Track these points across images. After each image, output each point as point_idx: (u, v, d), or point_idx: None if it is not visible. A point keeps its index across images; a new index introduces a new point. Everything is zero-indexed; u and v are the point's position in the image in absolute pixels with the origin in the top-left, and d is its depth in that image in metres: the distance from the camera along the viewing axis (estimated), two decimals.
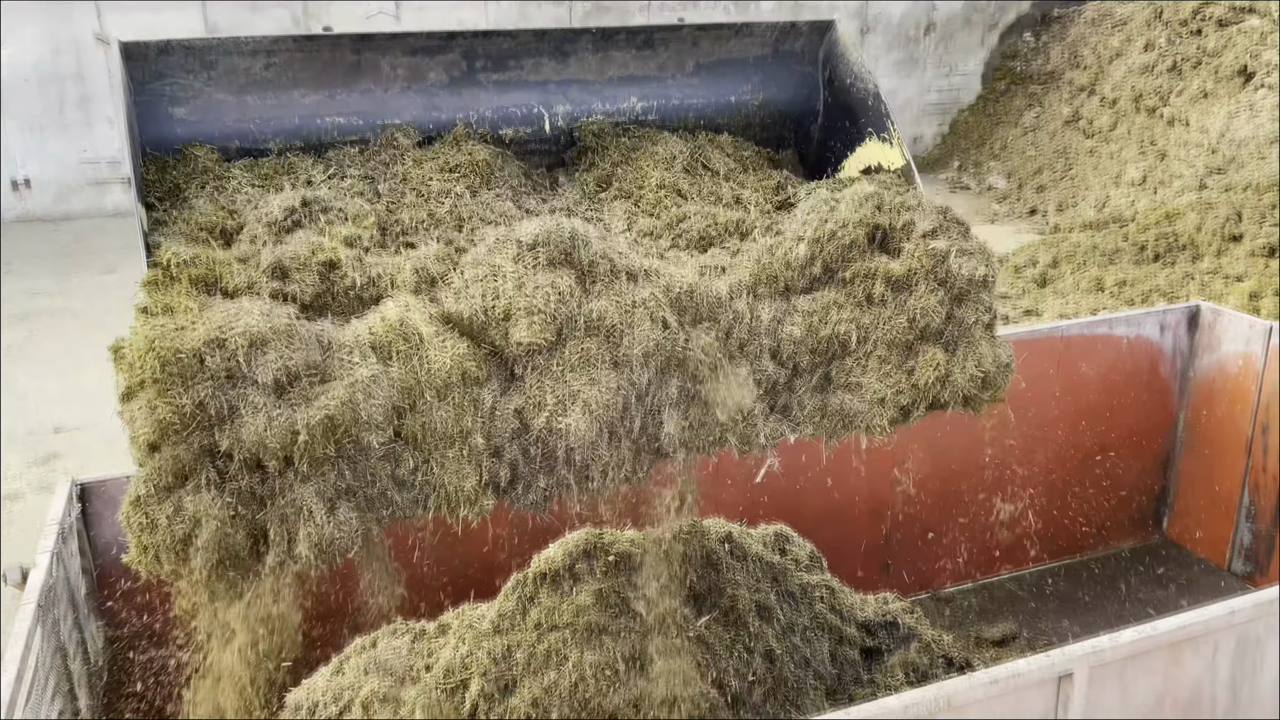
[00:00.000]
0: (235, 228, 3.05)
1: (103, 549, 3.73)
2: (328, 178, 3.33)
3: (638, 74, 3.83)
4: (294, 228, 3.00)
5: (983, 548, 5.45)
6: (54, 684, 3.00)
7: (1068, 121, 16.38)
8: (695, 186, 3.58)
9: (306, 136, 3.49)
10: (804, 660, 3.74)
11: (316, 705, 3.43)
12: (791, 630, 3.80)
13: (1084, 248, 11.72)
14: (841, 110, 3.89)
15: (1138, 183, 14.01)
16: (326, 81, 3.48)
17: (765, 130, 4.02)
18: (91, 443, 7.94)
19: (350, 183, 3.30)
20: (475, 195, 3.37)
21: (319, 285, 2.85)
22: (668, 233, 3.35)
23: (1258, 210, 10.88)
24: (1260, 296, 9.29)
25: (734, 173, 3.74)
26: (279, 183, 3.28)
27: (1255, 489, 5.39)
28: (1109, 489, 5.66)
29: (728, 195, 3.58)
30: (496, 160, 3.51)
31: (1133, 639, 3.03)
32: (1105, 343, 5.41)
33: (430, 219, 3.21)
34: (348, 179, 3.33)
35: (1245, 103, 13.61)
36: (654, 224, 3.38)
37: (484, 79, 3.65)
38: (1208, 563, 5.63)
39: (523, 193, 3.51)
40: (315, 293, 2.83)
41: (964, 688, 2.80)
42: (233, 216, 3.08)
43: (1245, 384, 5.37)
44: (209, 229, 3.03)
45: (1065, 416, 5.42)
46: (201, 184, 3.23)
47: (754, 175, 3.77)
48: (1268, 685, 3.40)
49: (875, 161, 3.76)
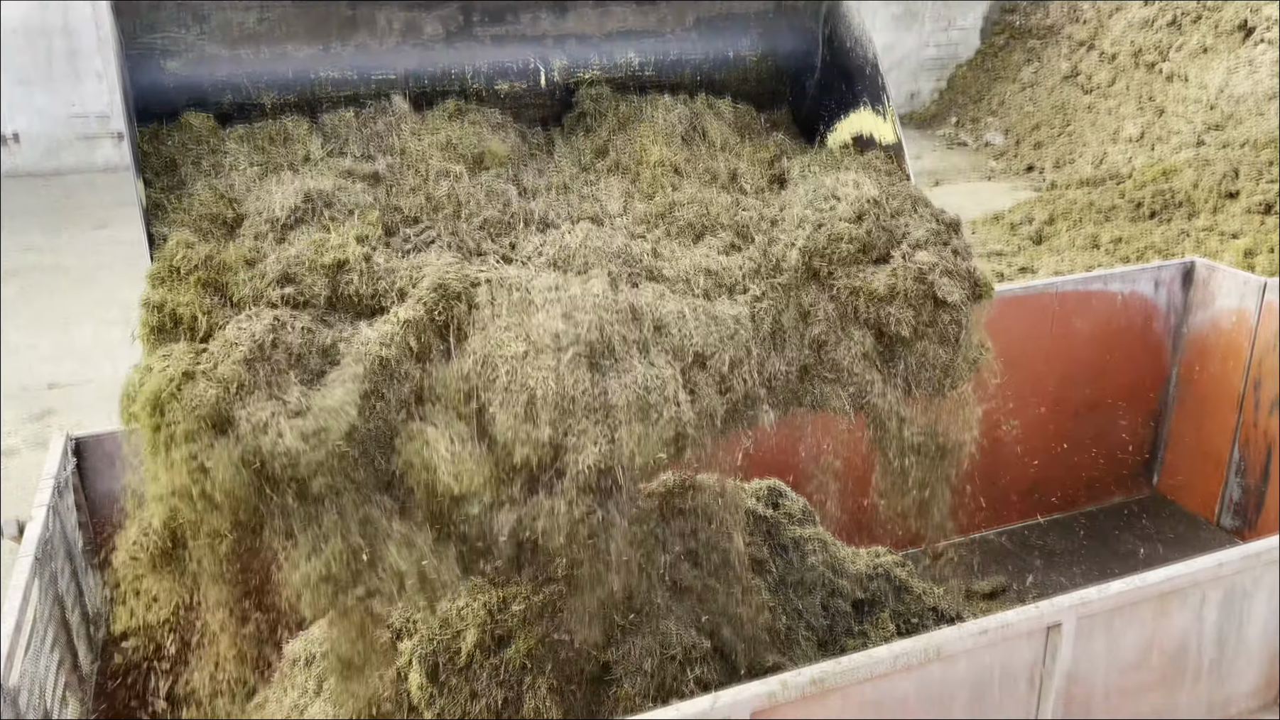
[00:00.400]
0: (236, 219, 3.02)
1: (99, 503, 3.75)
2: (326, 155, 3.29)
3: (636, 28, 3.79)
4: (297, 224, 2.97)
5: (974, 502, 5.49)
6: (53, 635, 3.02)
7: (1066, 77, 16.25)
8: (692, 163, 3.56)
9: (300, 91, 3.45)
10: (796, 612, 3.79)
11: (314, 657, 3.47)
12: (784, 583, 3.84)
13: (1080, 205, 11.68)
14: (839, 72, 3.87)
15: (1135, 139, 13.94)
16: (321, 35, 3.44)
17: (762, 85, 3.99)
18: (86, 398, 7.95)
19: (350, 162, 3.25)
20: (474, 174, 3.33)
21: (328, 289, 2.82)
22: (662, 222, 3.33)
23: (1255, 167, 10.84)
24: (1255, 253, 9.29)
25: (730, 143, 3.73)
26: (276, 158, 3.23)
27: (1245, 444, 5.43)
28: (1101, 444, 5.69)
29: (724, 172, 3.56)
30: (494, 139, 3.46)
31: (1121, 590, 3.07)
32: (1099, 299, 5.42)
33: (429, 204, 3.17)
34: (347, 156, 3.29)
35: (1245, 58, 13.50)
36: (649, 209, 3.35)
37: (480, 33, 3.61)
38: (1197, 517, 5.69)
39: (521, 166, 3.47)
40: (325, 296, 2.82)
41: (954, 638, 2.84)
42: (233, 206, 3.05)
43: (1238, 340, 5.38)
44: (212, 219, 3.00)
45: (1058, 372, 5.44)
46: (197, 159, 3.20)
47: (750, 145, 3.75)
48: (1254, 636, 3.45)
49: (868, 132, 3.76)
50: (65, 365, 8.48)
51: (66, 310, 9.57)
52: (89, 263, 10.90)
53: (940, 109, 18.13)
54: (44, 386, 8.13)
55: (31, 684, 2.67)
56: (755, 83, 3.97)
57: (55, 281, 10.35)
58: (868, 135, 3.75)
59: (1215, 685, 3.44)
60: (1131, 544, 5.51)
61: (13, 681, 2.55)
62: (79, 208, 12.71)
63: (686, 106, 3.76)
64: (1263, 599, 3.40)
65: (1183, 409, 5.73)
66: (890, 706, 2.82)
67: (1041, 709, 3.08)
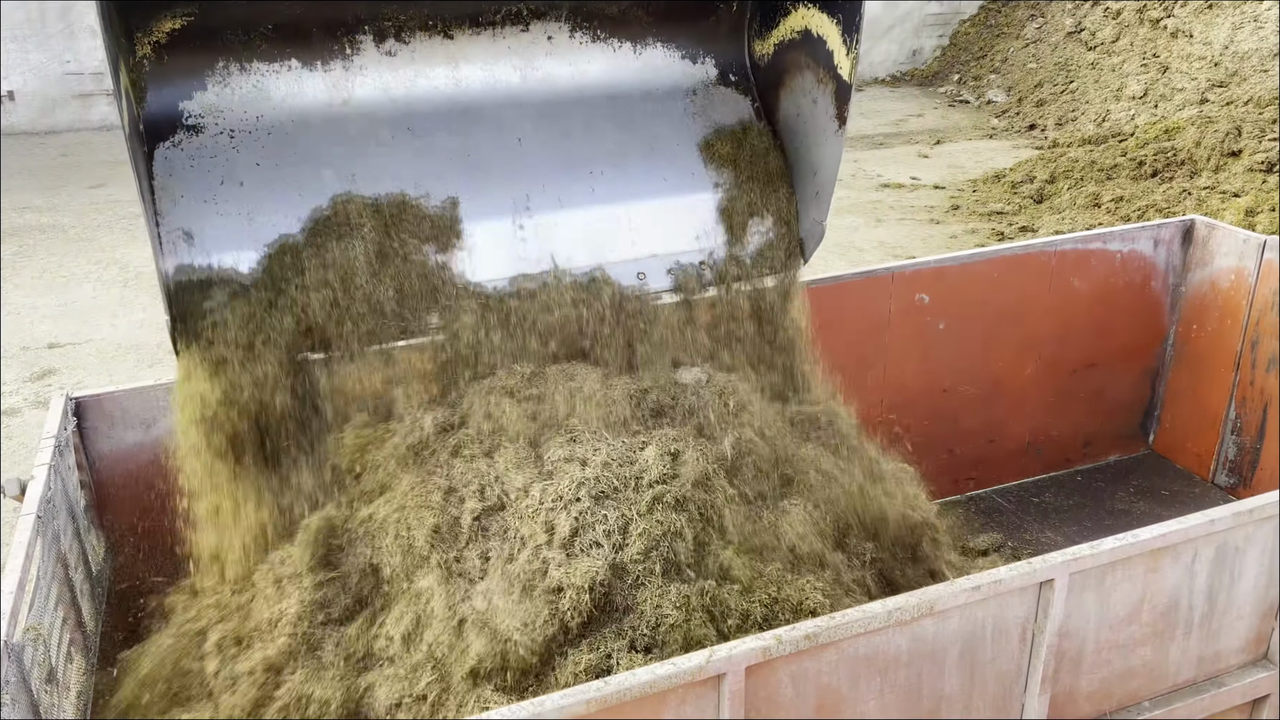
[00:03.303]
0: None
1: (100, 463, 3.77)
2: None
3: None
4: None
5: (970, 460, 5.52)
6: (56, 593, 3.06)
7: (1070, 33, 16.09)
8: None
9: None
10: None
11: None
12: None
13: (1082, 163, 11.62)
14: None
15: (1138, 96, 13.83)
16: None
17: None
18: (86, 358, 7.96)
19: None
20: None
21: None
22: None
23: (1258, 125, 10.77)
24: (1257, 212, 9.26)
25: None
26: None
27: (1242, 403, 5.45)
28: (1098, 403, 5.71)
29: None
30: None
31: (1113, 547, 3.09)
32: (1098, 257, 5.41)
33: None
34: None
35: (1250, 14, 13.36)
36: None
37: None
38: (1193, 475, 5.72)
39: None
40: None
41: (946, 593, 2.87)
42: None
43: (1237, 299, 5.38)
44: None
45: (1056, 331, 5.45)
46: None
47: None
48: (1245, 592, 3.48)
49: (815, 30, 3.50)
50: (65, 325, 8.48)
51: (65, 270, 9.56)
52: (87, 222, 10.87)
53: (942, 66, 17.97)
54: (44, 346, 8.14)
55: (35, 640, 2.71)
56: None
57: (53, 241, 10.32)
58: (815, 33, 3.45)
59: (1205, 641, 3.49)
60: (1126, 502, 5.55)
61: (16, 638, 2.58)
62: (76, 166, 12.64)
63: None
64: (1255, 556, 3.43)
65: (1180, 367, 5.74)
66: (883, 660, 2.86)
67: (1033, 663, 3.13)
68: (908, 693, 2.95)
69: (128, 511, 3.84)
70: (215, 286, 3.39)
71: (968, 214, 11.53)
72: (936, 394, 5.29)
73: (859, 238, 10.99)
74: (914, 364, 5.18)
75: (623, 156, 3.82)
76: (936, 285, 5.07)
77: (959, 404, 5.36)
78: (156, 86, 3.29)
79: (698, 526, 3.32)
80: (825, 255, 10.50)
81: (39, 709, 2.63)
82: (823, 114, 3.67)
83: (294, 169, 3.45)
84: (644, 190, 3.81)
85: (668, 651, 3.02)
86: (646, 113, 3.87)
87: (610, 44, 3.75)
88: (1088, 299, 5.46)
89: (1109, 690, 3.36)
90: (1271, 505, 3.34)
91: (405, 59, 3.49)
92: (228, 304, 3.37)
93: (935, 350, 5.19)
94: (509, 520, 3.31)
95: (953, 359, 5.26)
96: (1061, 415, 5.65)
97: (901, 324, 5.07)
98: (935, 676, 2.97)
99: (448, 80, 3.57)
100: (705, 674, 2.58)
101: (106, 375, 7.69)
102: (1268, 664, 3.64)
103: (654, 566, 3.16)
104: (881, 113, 16.13)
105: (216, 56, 3.33)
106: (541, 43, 3.64)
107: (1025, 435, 5.61)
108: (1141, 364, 5.76)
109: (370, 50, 3.45)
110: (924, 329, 5.13)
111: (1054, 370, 5.53)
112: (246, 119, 3.42)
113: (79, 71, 13.62)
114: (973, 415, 5.43)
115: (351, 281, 3.40)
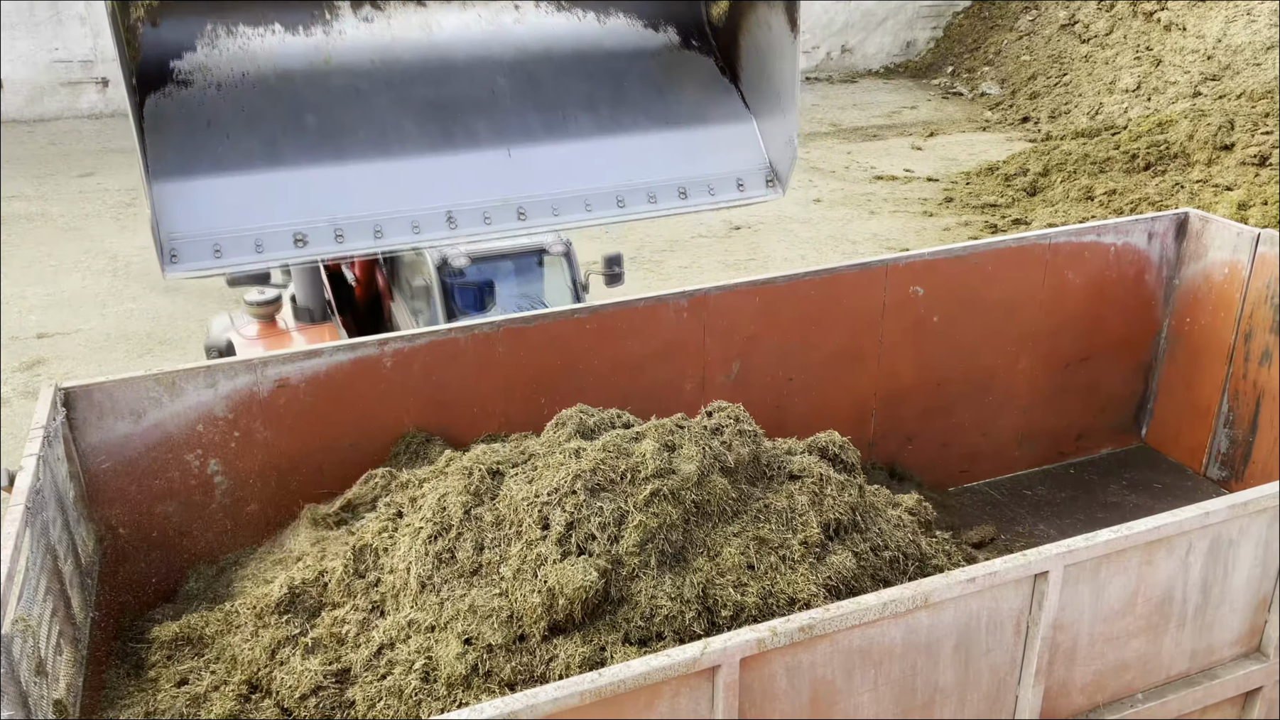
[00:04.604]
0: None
1: (90, 454, 3.74)
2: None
3: None
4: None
5: (964, 453, 5.52)
6: (45, 584, 3.03)
7: (1064, 26, 16.09)
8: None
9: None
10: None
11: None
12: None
13: (1075, 156, 11.63)
14: None
15: (1132, 89, 13.84)
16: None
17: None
18: (75, 348, 7.92)
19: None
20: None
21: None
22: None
23: (1250, 119, 10.78)
24: (1249, 206, 9.28)
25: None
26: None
27: (1234, 396, 5.45)
28: (1091, 396, 5.72)
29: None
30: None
31: (1108, 539, 3.09)
32: (1092, 250, 5.40)
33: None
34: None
35: (1243, 8, 13.37)
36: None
37: None
38: (1185, 468, 5.73)
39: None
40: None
41: (941, 585, 2.86)
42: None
43: (1230, 292, 5.39)
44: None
45: (1050, 323, 5.45)
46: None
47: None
48: (1238, 585, 3.49)
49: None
50: (54, 315, 8.43)
51: (54, 260, 9.50)
52: (76, 211, 10.80)
53: (936, 58, 17.96)
54: (33, 336, 8.09)
55: (25, 632, 2.68)
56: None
57: (42, 230, 10.26)
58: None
59: (1199, 633, 3.49)
60: (1119, 494, 5.55)
61: (6, 629, 2.56)
62: (65, 155, 12.57)
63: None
64: (1249, 548, 3.43)
65: (1173, 361, 5.74)
66: (878, 653, 2.86)
67: (1027, 656, 3.12)
68: (902, 685, 2.95)
69: (118, 502, 3.81)
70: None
71: (961, 206, 11.53)
72: (930, 387, 5.28)
73: (853, 230, 10.99)
74: (908, 357, 5.17)
75: (592, 103, 4.00)
76: (930, 278, 5.06)
77: (953, 397, 5.36)
78: (149, 46, 3.39)
79: (694, 519, 3.31)
80: (818, 247, 10.50)
81: (28, 700, 2.60)
82: (779, 33, 3.84)
83: (277, 113, 3.60)
84: (616, 129, 4.00)
85: (662, 644, 3.01)
86: (614, 70, 4.05)
87: (575, 13, 3.96)
88: (1081, 292, 5.45)
89: (1103, 683, 3.36)
90: (1266, 498, 3.34)
91: (381, 24, 3.72)
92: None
93: (929, 343, 5.19)
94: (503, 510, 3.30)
95: (946, 352, 5.25)
96: (1055, 408, 5.65)
97: (896, 317, 5.06)
98: (930, 669, 2.97)
99: (422, 40, 3.78)
100: (700, 666, 2.57)
101: (96, 365, 7.65)
102: (1261, 656, 3.64)
103: (649, 559, 3.15)
104: (875, 105, 16.11)
105: (205, 20, 3.49)
106: (510, 11, 3.87)
107: (1019, 428, 5.61)
108: (1135, 357, 5.76)
109: (349, 16, 3.67)
110: (918, 322, 5.12)
111: (1047, 363, 5.53)
112: (233, 75, 3.56)
113: (67, 59, 13.54)
114: (966, 408, 5.43)
115: None
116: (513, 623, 3.05)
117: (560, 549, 3.12)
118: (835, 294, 4.90)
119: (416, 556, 3.26)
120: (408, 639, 3.11)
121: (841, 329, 4.97)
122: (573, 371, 4.45)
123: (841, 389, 5.11)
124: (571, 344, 4.43)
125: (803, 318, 4.86)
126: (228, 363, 3.92)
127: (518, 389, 4.38)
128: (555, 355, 4.41)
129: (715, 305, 4.66)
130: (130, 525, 3.86)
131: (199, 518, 3.98)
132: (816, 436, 4.05)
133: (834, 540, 3.49)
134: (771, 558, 3.31)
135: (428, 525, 3.33)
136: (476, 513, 3.34)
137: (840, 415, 5.09)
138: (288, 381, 3.99)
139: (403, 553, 3.33)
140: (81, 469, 3.73)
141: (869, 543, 3.55)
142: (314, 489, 4.11)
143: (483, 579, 3.19)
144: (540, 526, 3.19)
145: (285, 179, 3.50)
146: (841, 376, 5.08)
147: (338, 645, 3.23)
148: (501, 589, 3.13)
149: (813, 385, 5.01)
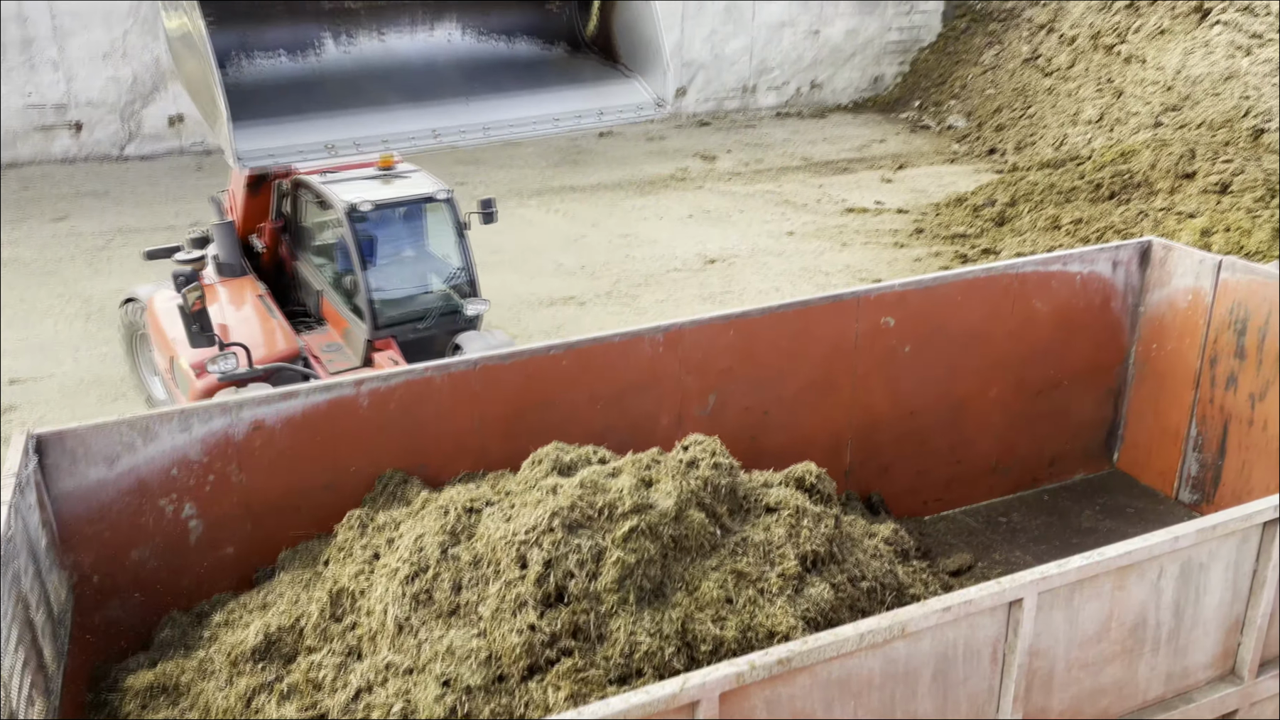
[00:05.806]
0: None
1: (62, 501, 3.71)
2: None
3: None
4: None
5: (938, 481, 5.56)
6: (17, 634, 3.00)
7: (1027, 60, 16.39)
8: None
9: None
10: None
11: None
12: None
13: (1041, 186, 11.81)
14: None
15: (1094, 121, 14.09)
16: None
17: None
18: (48, 394, 7.85)
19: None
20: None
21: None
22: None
23: (1210, 148, 11.00)
24: (1212, 233, 9.44)
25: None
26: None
27: (1202, 420, 5.53)
28: (1062, 422, 5.78)
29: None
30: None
31: (1080, 565, 3.12)
32: (1059, 279, 5.49)
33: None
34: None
35: (1201, 39, 13.67)
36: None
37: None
38: (1156, 492, 5.79)
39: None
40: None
41: (918, 615, 2.88)
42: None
43: (1194, 318, 5.48)
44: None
45: (1020, 352, 5.52)
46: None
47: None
48: (1210, 608, 3.53)
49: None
50: (25, 360, 8.36)
51: (27, 305, 9.43)
52: (49, 255, 10.74)
53: (903, 93, 18.23)
54: (5, 382, 8.01)
55: None
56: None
57: (13, 276, 10.18)
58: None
59: (1173, 657, 3.52)
60: (1093, 520, 5.60)
61: None
62: (37, 199, 12.51)
63: None
64: (1219, 571, 3.48)
65: (1141, 387, 5.83)
66: (857, 684, 2.87)
67: (1005, 683, 3.14)
68: (881, 716, 2.96)
69: (91, 549, 3.78)
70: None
71: (931, 237, 11.67)
72: (903, 416, 5.33)
73: (824, 261, 11.09)
74: (880, 387, 5.22)
75: (515, 78, 5.73)
76: (901, 308, 5.12)
77: (926, 425, 5.41)
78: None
79: (672, 554, 3.32)
80: (792, 279, 10.58)
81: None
82: (637, 5, 5.57)
83: (294, 96, 5.28)
84: (535, 88, 5.72)
85: (642, 680, 3.01)
86: (528, 68, 5.79)
87: (490, 39, 5.78)
88: (1049, 320, 5.53)
89: (1080, 708, 3.39)
90: (1234, 521, 3.39)
91: (356, 53, 5.52)
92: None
93: (901, 373, 5.24)
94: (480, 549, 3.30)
95: (918, 381, 5.31)
96: (1027, 435, 5.71)
97: (868, 347, 5.12)
98: (908, 699, 2.98)
99: (385, 55, 5.58)
100: (679, 702, 2.57)
101: (69, 410, 7.58)
102: (1235, 679, 3.68)
103: (628, 595, 3.15)
104: (845, 138, 16.32)
105: (229, 49, 5.13)
106: (443, 40, 5.69)
107: (992, 455, 5.66)
108: (1104, 383, 5.84)
109: (330, 47, 5.45)
110: (890, 352, 5.18)
111: (1018, 391, 5.60)
112: (258, 79, 5.26)
113: (40, 104, 13.49)
114: (939, 436, 5.47)
115: None
116: (491, 663, 3.05)
117: (539, 588, 3.12)
118: (808, 326, 4.95)
119: (394, 598, 3.25)
120: (385, 682, 3.09)
121: (815, 360, 5.02)
122: (549, 407, 4.46)
123: (816, 420, 5.14)
124: (548, 380, 4.45)
125: (776, 350, 4.90)
126: (202, 406, 3.91)
127: (494, 426, 4.38)
128: (531, 392, 4.43)
129: (690, 339, 4.69)
130: (104, 572, 3.82)
131: (174, 563, 3.95)
132: (793, 468, 4.08)
133: (811, 572, 3.51)
134: (750, 591, 3.32)
135: (404, 566, 3.33)
136: (454, 552, 3.33)
137: (816, 446, 5.13)
138: (263, 424, 3.97)
139: (379, 594, 3.32)
140: (54, 515, 3.69)
141: (846, 574, 3.58)
142: (290, 531, 4.08)
143: (461, 619, 3.18)
144: (518, 565, 3.19)
145: (314, 118, 5.14)
146: (816, 407, 5.12)
147: (314, 691, 3.20)
148: (480, 629, 3.13)
149: (788, 417, 5.04)
